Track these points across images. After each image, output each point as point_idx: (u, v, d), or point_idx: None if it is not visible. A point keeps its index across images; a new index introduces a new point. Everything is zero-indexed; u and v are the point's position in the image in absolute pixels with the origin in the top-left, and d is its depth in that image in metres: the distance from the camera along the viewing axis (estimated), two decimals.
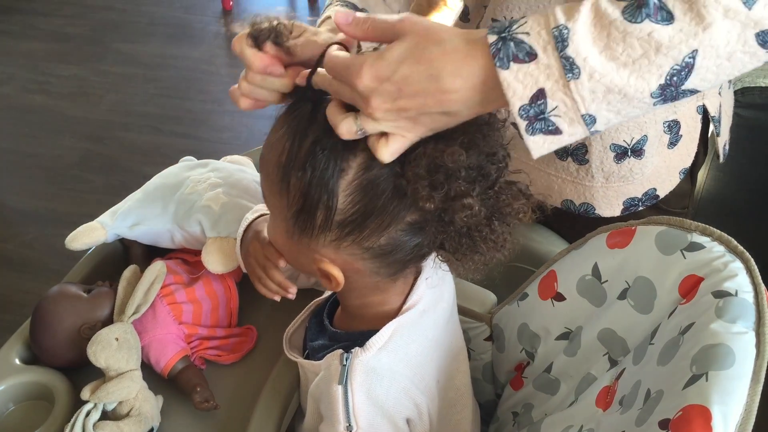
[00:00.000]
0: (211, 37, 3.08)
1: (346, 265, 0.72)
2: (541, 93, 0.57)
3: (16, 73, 2.89)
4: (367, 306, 0.79)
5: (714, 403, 0.60)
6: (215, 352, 1.00)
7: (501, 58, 0.56)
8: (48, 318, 0.95)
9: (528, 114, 0.58)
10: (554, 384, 0.88)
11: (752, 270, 0.68)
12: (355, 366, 0.73)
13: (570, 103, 0.57)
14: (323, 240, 0.70)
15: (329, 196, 0.66)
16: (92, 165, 2.47)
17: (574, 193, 0.99)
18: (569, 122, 0.58)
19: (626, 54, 0.55)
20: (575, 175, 0.97)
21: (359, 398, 0.73)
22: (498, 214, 0.69)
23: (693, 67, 0.56)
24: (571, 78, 0.56)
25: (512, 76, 0.57)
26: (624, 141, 0.91)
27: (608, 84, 0.56)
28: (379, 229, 0.68)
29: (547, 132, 0.59)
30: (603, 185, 0.97)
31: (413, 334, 0.78)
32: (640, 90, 0.56)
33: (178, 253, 1.09)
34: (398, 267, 0.73)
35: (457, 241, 0.69)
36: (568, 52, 0.55)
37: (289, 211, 0.70)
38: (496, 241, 0.70)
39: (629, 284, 0.78)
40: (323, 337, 0.84)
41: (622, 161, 0.94)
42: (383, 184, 0.66)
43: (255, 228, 0.92)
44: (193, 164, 1.13)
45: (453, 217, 0.65)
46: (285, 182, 0.69)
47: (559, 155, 0.96)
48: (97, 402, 0.88)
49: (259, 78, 0.71)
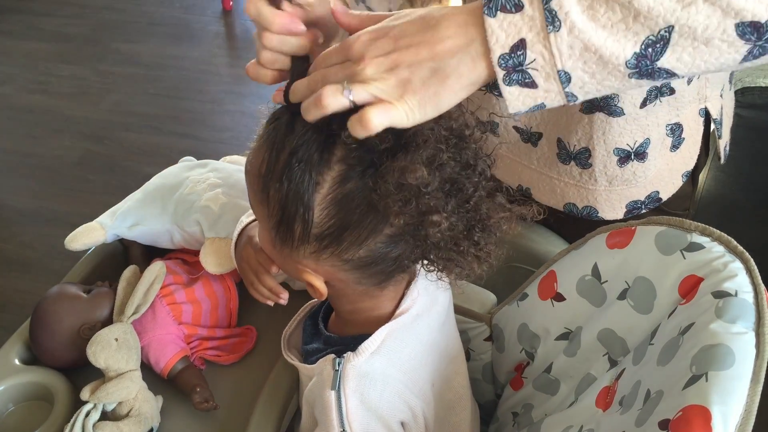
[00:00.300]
0: (211, 37, 3.08)
1: (329, 275, 0.72)
2: (521, 43, 0.58)
3: (16, 73, 2.89)
4: (358, 311, 0.79)
5: (714, 404, 0.59)
6: (215, 352, 1.00)
7: (490, 6, 0.58)
8: (48, 318, 0.95)
9: (507, 64, 0.58)
10: (554, 384, 0.88)
11: (752, 270, 0.68)
12: (348, 371, 0.73)
13: (548, 56, 0.58)
14: (303, 251, 0.70)
15: (305, 209, 0.66)
16: (92, 165, 2.47)
17: (577, 196, 0.99)
18: (545, 77, 0.59)
19: (606, 17, 0.56)
20: (578, 179, 0.97)
21: (352, 403, 0.73)
22: (479, 227, 0.69)
23: (668, 42, 0.56)
24: (552, 30, 0.57)
25: (497, 24, 0.58)
26: (627, 144, 0.91)
27: (586, 41, 0.57)
28: (357, 242, 0.68)
29: (523, 84, 0.59)
30: (606, 189, 0.97)
31: (406, 339, 0.77)
32: (616, 54, 0.57)
33: (178, 254, 1.09)
34: (382, 277, 0.73)
35: (436, 255, 0.69)
36: (551, 5, 0.56)
37: (270, 222, 0.70)
38: (478, 255, 0.70)
39: (629, 284, 0.78)
40: (318, 340, 0.84)
41: (626, 165, 0.94)
42: (357, 199, 0.66)
43: (248, 233, 0.92)
44: (192, 164, 1.13)
45: (428, 231, 0.65)
46: (265, 193, 0.69)
47: (562, 159, 0.96)
48: (96, 402, 0.88)
49: (276, 40, 0.69)
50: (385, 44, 0.60)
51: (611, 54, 0.57)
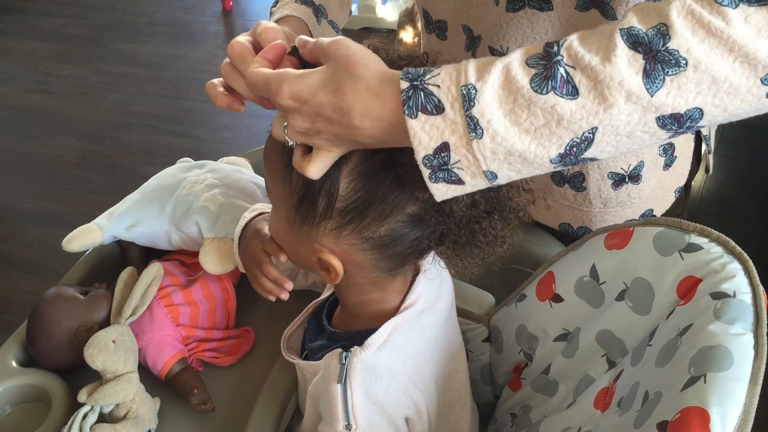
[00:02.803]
0: (211, 37, 3.08)
1: (346, 256, 0.72)
2: (445, 146, 0.58)
3: (16, 73, 2.89)
4: (365, 304, 0.79)
5: (712, 405, 0.59)
6: (213, 354, 0.99)
7: (410, 106, 0.57)
8: (45, 320, 0.94)
9: (432, 163, 0.59)
10: (552, 385, 0.88)
11: (750, 271, 0.68)
12: (354, 365, 0.73)
13: (472, 159, 0.58)
14: (324, 228, 0.71)
15: (331, 182, 0.67)
16: (92, 165, 2.47)
17: (572, 217, 0.99)
18: (471, 175, 0.59)
19: (529, 122, 0.56)
20: (572, 201, 0.98)
21: (358, 397, 0.73)
22: (498, 208, 0.70)
23: (592, 141, 0.57)
24: (474, 137, 0.57)
25: (419, 126, 0.57)
26: (621, 168, 0.92)
27: (509, 148, 0.57)
28: (380, 219, 0.69)
29: (449, 182, 0.60)
30: (601, 210, 0.97)
31: (412, 333, 0.78)
32: (540, 156, 0.57)
33: (176, 255, 1.09)
34: (397, 261, 0.74)
35: (456, 234, 0.70)
36: (473, 112, 0.56)
37: (291, 200, 0.71)
38: (495, 236, 0.71)
39: (627, 285, 0.78)
40: (322, 337, 0.84)
41: (620, 188, 0.94)
42: (384, 173, 0.67)
43: (254, 226, 0.92)
44: (190, 165, 1.13)
45: (452, 207, 0.66)
46: (288, 170, 0.69)
47: (555, 181, 0.97)
48: (94, 404, 0.88)
49: None
50: (309, 111, 0.61)
51: (535, 156, 0.57)
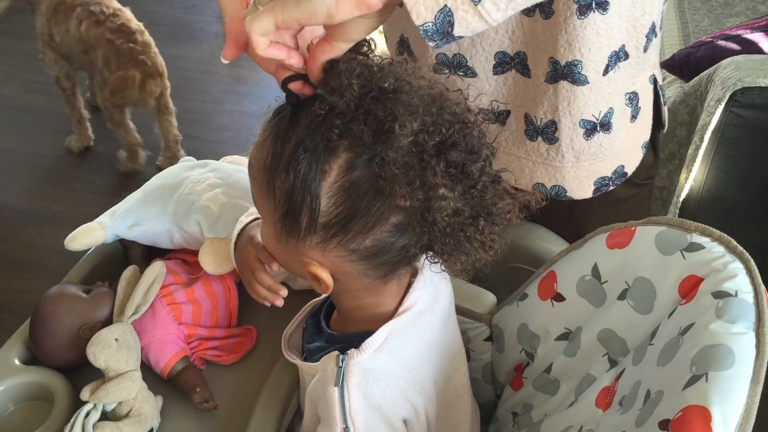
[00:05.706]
0: (211, 37, 3.08)
1: (335, 267, 0.72)
2: None
3: (16, 73, 2.89)
4: (361, 308, 0.79)
5: (714, 404, 0.60)
6: (215, 352, 0.99)
7: None
8: (47, 318, 0.95)
9: None
10: (554, 384, 0.88)
11: (752, 270, 0.68)
12: (351, 367, 0.73)
13: None
14: (310, 242, 0.70)
15: (312, 198, 0.67)
16: (92, 165, 2.47)
17: (545, 175, 0.99)
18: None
19: None
20: (545, 156, 0.97)
21: (355, 400, 0.73)
22: (484, 214, 0.69)
23: None
24: None
25: None
26: (592, 115, 0.92)
27: None
28: (364, 231, 0.68)
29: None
30: (574, 165, 0.97)
31: (409, 336, 0.78)
32: None
33: (178, 254, 1.09)
34: (387, 269, 0.73)
35: (443, 242, 0.69)
36: None
37: (276, 214, 0.71)
38: (483, 242, 0.70)
39: (629, 285, 0.78)
40: (320, 338, 0.84)
41: (592, 137, 0.94)
42: (365, 186, 0.66)
43: (248, 233, 0.92)
44: (192, 164, 1.13)
45: (435, 217, 0.66)
46: (271, 185, 0.69)
47: (529, 135, 0.96)
48: (96, 402, 0.88)
49: None
50: None
51: None
